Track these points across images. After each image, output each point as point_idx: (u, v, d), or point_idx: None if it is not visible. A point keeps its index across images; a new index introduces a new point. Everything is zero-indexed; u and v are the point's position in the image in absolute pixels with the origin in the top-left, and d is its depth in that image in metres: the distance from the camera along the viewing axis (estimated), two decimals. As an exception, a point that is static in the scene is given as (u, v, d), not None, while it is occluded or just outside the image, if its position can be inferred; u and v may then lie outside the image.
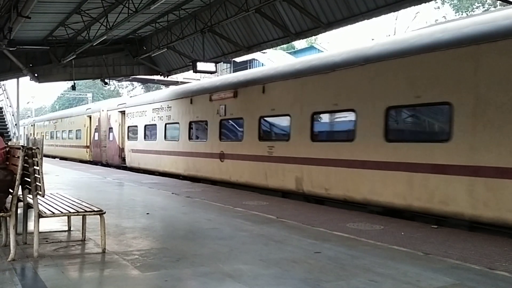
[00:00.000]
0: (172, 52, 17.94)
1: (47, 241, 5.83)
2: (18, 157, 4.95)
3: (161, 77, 22.20)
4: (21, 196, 5.54)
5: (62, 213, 5.32)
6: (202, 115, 15.24)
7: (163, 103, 17.99)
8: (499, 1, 12.89)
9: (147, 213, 8.24)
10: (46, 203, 5.72)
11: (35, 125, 41.35)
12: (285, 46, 36.94)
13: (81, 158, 27.57)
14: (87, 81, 45.91)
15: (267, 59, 35.05)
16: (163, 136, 17.90)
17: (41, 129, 38.70)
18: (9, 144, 6.35)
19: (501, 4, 11.08)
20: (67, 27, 15.08)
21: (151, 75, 22.03)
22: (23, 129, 40.77)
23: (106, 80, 20.27)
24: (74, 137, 29.43)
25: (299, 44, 46.40)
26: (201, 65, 14.27)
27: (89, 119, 26.42)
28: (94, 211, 5.41)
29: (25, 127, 42.76)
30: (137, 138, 20.13)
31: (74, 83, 20.01)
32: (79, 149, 28.12)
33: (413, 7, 11.94)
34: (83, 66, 19.07)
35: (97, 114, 25.17)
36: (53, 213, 5.24)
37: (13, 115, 22.33)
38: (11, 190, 5.06)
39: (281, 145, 11.59)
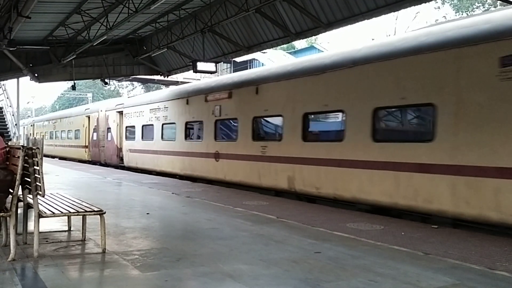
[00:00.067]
0: (172, 52, 17.94)
1: (47, 241, 5.83)
2: (18, 157, 4.95)
3: (161, 77, 22.20)
4: (21, 196, 5.54)
5: (62, 213, 5.32)
6: (198, 116, 15.41)
7: (160, 103, 18.13)
8: (499, 1, 12.90)
9: (147, 213, 8.24)
10: (46, 203, 5.71)
11: (34, 125, 41.39)
12: (285, 46, 36.94)
13: (80, 158, 27.63)
14: (87, 81, 45.92)
15: (267, 59, 35.03)
16: (160, 136, 18.04)
17: (41, 129, 38.73)
18: (9, 144, 6.36)
19: (501, 4, 11.08)
20: (67, 27, 15.08)
21: (151, 75, 22.05)
22: (22, 129, 40.79)
23: (106, 80, 20.29)
24: (73, 137, 29.50)
25: (299, 44, 46.45)
26: (201, 65, 14.32)
27: (88, 119, 26.49)
28: (94, 211, 5.41)
29: (24, 127, 42.78)
30: (135, 138, 20.26)
31: (74, 83, 20.03)
32: (78, 149, 28.17)
33: (413, 7, 11.95)
34: (83, 66, 19.08)
35: (96, 114, 25.25)
36: (53, 213, 5.24)
37: (13, 115, 22.33)
38: (11, 190, 5.06)
39: (274, 145, 11.77)
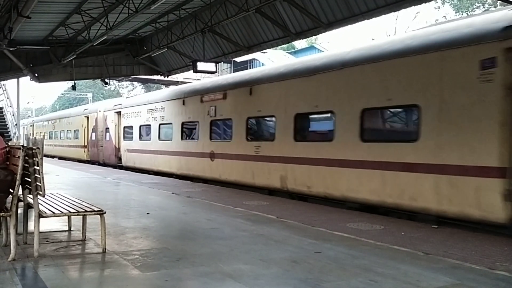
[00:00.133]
0: (172, 52, 17.94)
1: (47, 241, 5.83)
2: (18, 157, 4.95)
3: (161, 77, 22.21)
4: (22, 196, 5.54)
5: (62, 213, 5.32)
6: (193, 116, 15.61)
7: (157, 104, 18.31)
8: (499, 1, 12.90)
9: (148, 213, 8.24)
10: (46, 203, 5.71)
11: (34, 125, 41.49)
12: (285, 46, 36.92)
13: (79, 157, 27.77)
14: (87, 81, 45.93)
15: (267, 59, 35.03)
16: (157, 136, 18.22)
17: (40, 129, 38.83)
18: (9, 144, 6.36)
19: (502, 4, 11.08)
20: (67, 27, 15.08)
21: (151, 75, 22.07)
22: (22, 129, 40.85)
23: (106, 80, 20.31)
24: (72, 137, 29.64)
25: (299, 44, 46.45)
26: (202, 65, 14.35)
27: (87, 119, 26.62)
28: (94, 211, 5.41)
29: (24, 127, 42.84)
30: (133, 138, 20.42)
31: (74, 83, 20.04)
32: (77, 149, 28.28)
33: (413, 7, 11.97)
34: (83, 66, 19.08)
35: (94, 114, 25.39)
36: (54, 213, 5.25)
37: (13, 115, 22.33)
38: (11, 190, 5.06)
39: (267, 144, 11.97)
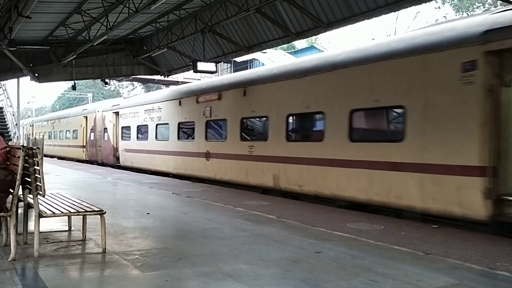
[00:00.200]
0: (172, 52, 17.94)
1: (47, 241, 5.83)
2: (18, 157, 4.95)
3: (162, 77, 22.22)
4: (22, 196, 5.54)
5: (62, 213, 5.32)
6: (189, 116, 15.79)
7: (154, 104, 18.48)
8: (499, 1, 12.90)
9: (148, 213, 8.24)
10: (46, 203, 5.72)
11: (33, 125, 41.59)
12: (285, 46, 36.92)
13: (78, 157, 27.89)
14: (88, 81, 45.92)
15: (268, 59, 35.04)
16: (154, 136, 18.38)
17: (40, 129, 38.92)
18: (9, 144, 6.35)
19: (502, 4, 11.08)
20: (68, 27, 15.08)
21: (151, 75, 22.09)
22: (22, 129, 40.90)
23: (106, 80, 20.34)
24: (71, 137, 29.78)
25: (300, 44, 46.46)
26: (202, 65, 14.39)
27: (85, 119, 26.74)
28: (94, 211, 5.41)
29: (24, 127, 42.90)
30: (130, 138, 20.57)
31: (74, 83, 20.04)
32: (76, 149, 28.39)
33: (413, 7, 11.97)
34: (83, 66, 19.08)
35: (93, 114, 25.53)
36: (54, 213, 5.25)
37: (13, 115, 22.33)
38: (11, 190, 5.06)
39: (260, 144, 12.17)
